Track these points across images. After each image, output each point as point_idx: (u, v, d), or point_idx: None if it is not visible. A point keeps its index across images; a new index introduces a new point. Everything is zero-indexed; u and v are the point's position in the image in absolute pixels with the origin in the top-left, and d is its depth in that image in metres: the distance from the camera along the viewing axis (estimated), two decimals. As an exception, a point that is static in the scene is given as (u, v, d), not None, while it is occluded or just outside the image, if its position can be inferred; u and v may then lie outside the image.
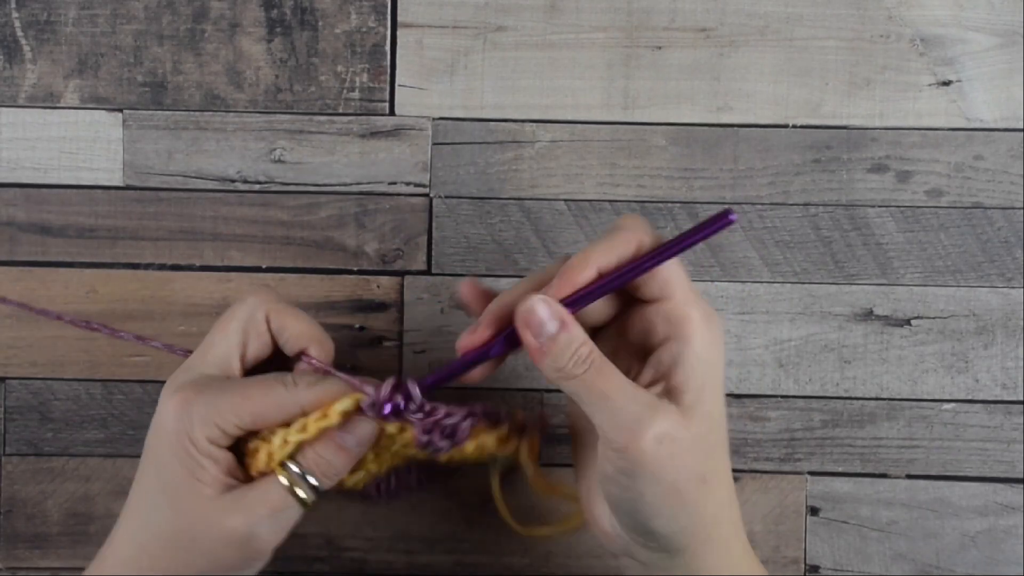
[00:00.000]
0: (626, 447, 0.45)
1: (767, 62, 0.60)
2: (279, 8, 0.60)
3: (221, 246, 0.60)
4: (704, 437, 0.46)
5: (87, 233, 0.60)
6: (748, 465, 0.61)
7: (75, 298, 0.60)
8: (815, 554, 0.61)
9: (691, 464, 0.46)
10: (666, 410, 0.45)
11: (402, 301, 0.60)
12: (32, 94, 0.60)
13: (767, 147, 0.60)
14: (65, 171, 0.60)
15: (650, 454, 0.45)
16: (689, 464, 0.46)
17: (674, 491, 0.46)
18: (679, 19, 0.60)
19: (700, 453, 0.46)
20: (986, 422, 0.61)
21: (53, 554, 0.61)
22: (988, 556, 0.61)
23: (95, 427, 0.61)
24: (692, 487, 0.46)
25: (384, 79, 0.60)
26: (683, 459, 0.46)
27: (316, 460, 0.50)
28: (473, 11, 0.60)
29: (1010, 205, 0.60)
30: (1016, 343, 0.60)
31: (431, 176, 0.60)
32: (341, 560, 0.61)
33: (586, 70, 0.60)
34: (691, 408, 0.46)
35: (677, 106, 0.60)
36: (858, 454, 0.61)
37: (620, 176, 0.60)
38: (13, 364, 0.60)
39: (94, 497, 0.61)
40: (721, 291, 0.61)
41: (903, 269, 0.60)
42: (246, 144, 0.60)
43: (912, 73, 0.60)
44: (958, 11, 0.60)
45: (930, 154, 0.60)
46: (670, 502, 0.46)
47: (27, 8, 0.60)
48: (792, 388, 0.61)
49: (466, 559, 0.61)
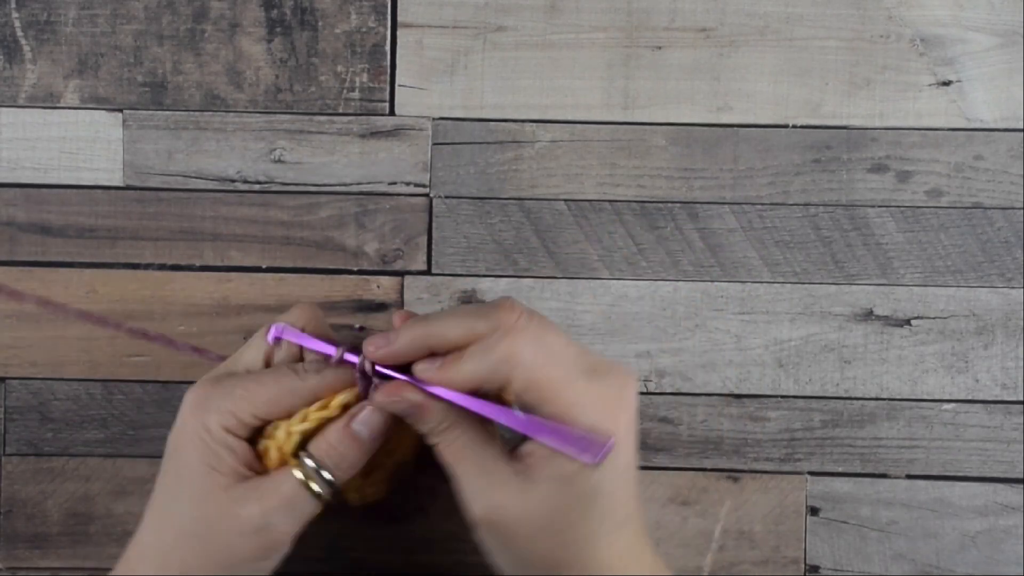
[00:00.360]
0: (471, 516, 0.48)
1: (767, 62, 0.60)
2: (279, 8, 0.60)
3: (221, 246, 0.60)
4: (558, 526, 0.47)
5: (87, 233, 0.60)
6: (748, 465, 0.61)
7: (75, 298, 0.60)
8: (815, 554, 0.61)
9: (540, 548, 0.47)
10: (510, 490, 0.47)
11: (402, 301, 0.60)
12: (32, 94, 0.60)
13: (767, 147, 0.60)
14: (65, 171, 0.60)
15: (491, 528, 0.48)
16: (538, 548, 0.47)
17: (525, 565, 0.48)
18: (679, 19, 0.60)
19: (552, 540, 0.47)
20: (986, 422, 0.61)
21: (53, 554, 0.61)
22: (988, 556, 0.61)
23: (95, 427, 0.61)
24: (547, 568, 0.48)
25: (384, 79, 0.60)
26: (532, 541, 0.47)
27: (329, 451, 0.50)
28: (473, 11, 0.60)
29: (1010, 205, 0.60)
30: (1016, 343, 0.60)
31: (431, 176, 0.60)
32: (341, 560, 0.61)
33: (586, 70, 0.60)
34: (537, 492, 0.47)
35: (677, 106, 0.60)
36: (858, 454, 0.61)
37: (620, 176, 0.60)
38: (13, 364, 0.60)
39: (94, 497, 0.61)
40: (721, 291, 0.61)
41: (903, 269, 0.61)
42: (246, 144, 0.60)
43: (912, 73, 0.60)
44: (958, 11, 0.60)
45: (930, 154, 0.60)
46: (524, 571, 0.48)
47: (27, 8, 0.60)
48: (792, 388, 0.61)
49: (466, 559, 0.61)
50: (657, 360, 0.61)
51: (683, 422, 0.61)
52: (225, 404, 0.50)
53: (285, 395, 0.50)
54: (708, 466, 0.61)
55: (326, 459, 0.50)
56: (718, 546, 0.61)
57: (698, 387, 0.61)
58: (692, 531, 0.61)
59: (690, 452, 0.61)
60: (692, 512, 0.61)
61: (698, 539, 0.61)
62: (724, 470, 0.61)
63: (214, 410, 0.49)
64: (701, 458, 0.61)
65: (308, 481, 0.50)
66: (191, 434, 0.50)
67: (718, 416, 0.61)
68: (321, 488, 0.50)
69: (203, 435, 0.49)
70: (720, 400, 0.61)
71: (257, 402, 0.50)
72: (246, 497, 0.49)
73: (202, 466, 0.49)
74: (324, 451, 0.50)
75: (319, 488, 0.50)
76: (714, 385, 0.61)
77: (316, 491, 0.50)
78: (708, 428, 0.61)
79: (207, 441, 0.49)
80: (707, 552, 0.61)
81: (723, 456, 0.61)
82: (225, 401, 0.50)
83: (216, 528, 0.49)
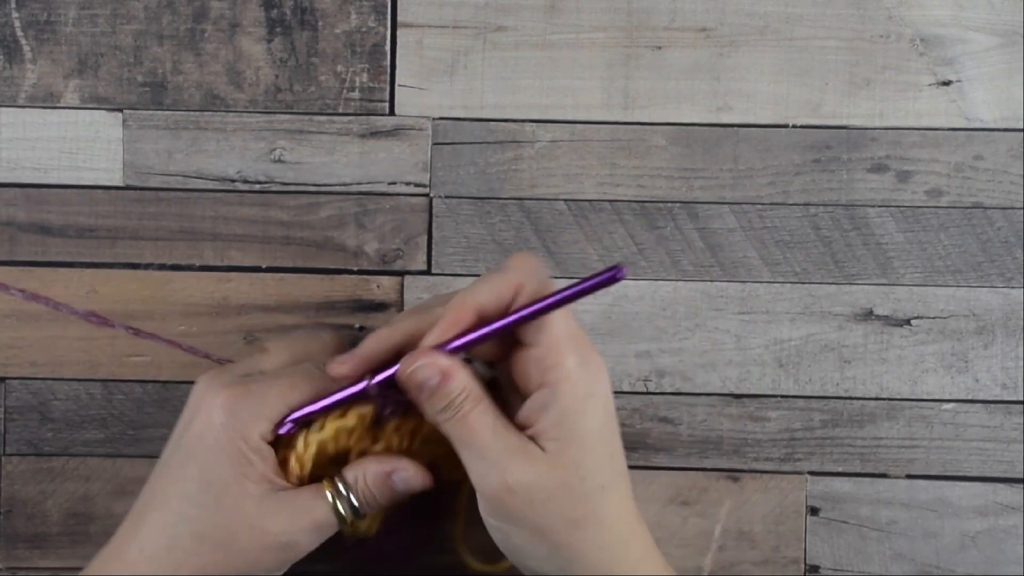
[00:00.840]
0: (485, 492, 0.47)
1: (767, 62, 0.60)
2: (279, 8, 0.60)
3: (221, 246, 0.60)
4: (570, 484, 0.47)
5: (87, 233, 0.60)
6: (748, 465, 0.61)
7: (75, 298, 0.60)
8: (815, 554, 0.61)
9: (555, 510, 0.47)
10: (527, 457, 0.47)
11: (402, 301, 0.60)
12: (32, 94, 0.60)
13: (767, 147, 0.60)
14: (65, 171, 0.60)
15: (508, 500, 0.47)
16: (553, 510, 0.47)
17: (540, 535, 0.47)
18: (679, 19, 0.60)
19: (566, 499, 0.47)
20: (986, 422, 0.61)
21: (53, 554, 0.61)
22: (988, 556, 0.61)
23: (95, 427, 0.61)
24: (561, 531, 0.47)
25: (384, 79, 0.60)
26: (545, 506, 0.47)
27: (363, 489, 0.50)
28: (473, 11, 0.60)
29: (1010, 205, 0.60)
30: (1016, 343, 0.60)
31: (431, 176, 0.60)
32: (341, 560, 0.61)
33: (586, 70, 0.60)
34: (554, 456, 0.47)
35: (677, 106, 0.60)
36: (858, 454, 0.61)
37: (620, 176, 0.60)
38: (13, 364, 0.60)
39: (94, 497, 0.61)
40: (721, 291, 0.61)
41: (903, 269, 0.61)
42: (246, 144, 0.60)
43: (912, 73, 0.60)
44: (958, 11, 0.60)
45: (930, 154, 0.60)
46: (538, 545, 0.48)
47: (27, 8, 0.60)
48: (792, 388, 0.61)
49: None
50: (657, 360, 0.61)
51: (683, 422, 0.61)
52: (262, 410, 0.49)
53: (322, 396, 0.50)
54: (708, 466, 0.61)
55: (360, 491, 0.50)
56: (718, 546, 0.61)
57: (698, 387, 0.61)
58: (692, 531, 0.61)
59: (690, 452, 0.61)
60: (692, 512, 0.61)
61: (698, 539, 0.61)
62: (724, 470, 0.61)
63: (250, 416, 0.49)
64: (701, 458, 0.61)
65: (337, 503, 0.50)
66: (223, 439, 0.48)
67: (718, 416, 0.61)
68: (346, 512, 0.50)
69: (238, 442, 0.48)
70: (720, 400, 0.61)
71: (293, 405, 0.49)
72: (278, 513, 0.49)
73: (233, 473, 0.48)
74: (359, 487, 0.50)
75: (344, 511, 0.50)
76: (714, 385, 0.61)
77: (342, 514, 0.50)
78: (708, 428, 0.61)
79: (242, 448, 0.48)
80: (707, 552, 0.61)
81: (723, 456, 0.61)
82: (262, 407, 0.49)
83: (241, 539, 0.48)
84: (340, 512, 0.50)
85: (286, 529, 0.49)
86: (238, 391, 0.49)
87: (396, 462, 0.50)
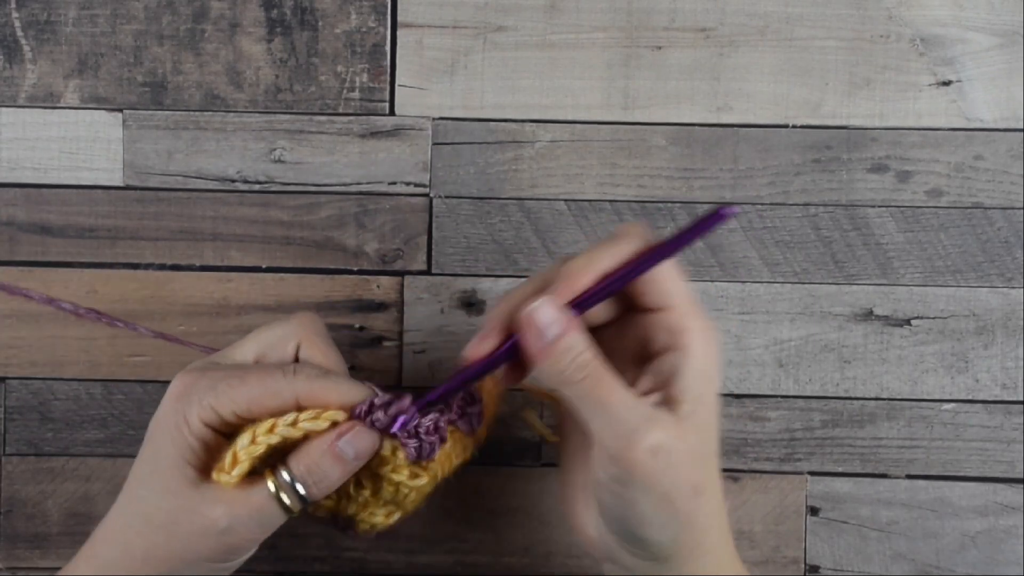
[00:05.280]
0: (621, 456, 0.45)
1: (767, 62, 0.60)
2: (279, 8, 0.60)
3: (221, 246, 0.60)
4: (698, 448, 0.47)
5: (87, 233, 0.60)
6: (748, 465, 0.61)
7: (75, 298, 0.60)
8: (815, 554, 0.61)
9: (685, 475, 0.46)
10: (663, 420, 0.46)
11: (402, 301, 0.60)
12: (32, 94, 0.60)
13: (767, 147, 0.60)
14: (65, 171, 0.60)
15: (644, 464, 0.45)
16: (683, 475, 0.46)
17: (666, 501, 0.46)
18: (679, 19, 0.60)
19: (694, 464, 0.46)
20: (986, 422, 0.61)
21: (53, 554, 0.61)
22: (988, 556, 0.61)
23: (95, 427, 0.61)
24: (685, 497, 0.46)
25: (384, 79, 0.60)
26: (677, 470, 0.46)
27: (310, 467, 0.48)
28: (473, 11, 0.60)
29: (1010, 205, 0.60)
30: (1016, 343, 0.60)
31: (431, 176, 0.60)
32: (341, 560, 0.61)
33: (586, 70, 0.60)
34: (687, 419, 0.46)
35: (677, 106, 0.60)
36: (858, 454, 0.61)
37: (620, 176, 0.60)
38: (13, 364, 0.60)
39: (94, 497, 0.61)
40: (721, 291, 0.61)
41: (903, 269, 0.61)
42: (246, 144, 0.60)
43: (912, 73, 0.60)
44: (958, 11, 0.60)
45: (930, 154, 0.60)
46: (662, 511, 0.46)
47: (27, 8, 0.60)
48: (792, 388, 0.61)
49: (466, 559, 0.61)
50: (657, 360, 0.61)
51: (683, 422, 0.61)
52: (207, 398, 0.48)
53: (268, 396, 0.48)
54: (708, 466, 0.61)
55: (306, 475, 0.48)
56: (718, 546, 0.61)
57: (698, 387, 0.61)
58: (692, 531, 0.61)
59: (690, 452, 0.61)
60: (692, 512, 0.61)
61: (698, 539, 0.61)
62: (724, 470, 0.61)
63: (196, 401, 0.48)
64: (701, 458, 0.61)
65: (280, 493, 0.48)
66: (170, 423, 0.48)
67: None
68: (292, 502, 0.48)
69: (181, 426, 0.48)
70: (720, 400, 0.61)
71: (239, 399, 0.48)
72: (215, 498, 0.48)
73: (176, 457, 0.48)
74: (305, 466, 0.48)
75: (291, 502, 0.48)
76: (714, 385, 0.61)
77: (287, 504, 0.48)
78: (708, 428, 0.61)
79: (184, 432, 0.48)
80: (707, 552, 0.61)
81: (723, 456, 0.61)
82: (207, 394, 0.48)
83: (180, 522, 0.48)
84: (282, 499, 0.48)
85: (223, 514, 0.48)
86: (191, 378, 0.49)
87: (337, 431, 0.48)
